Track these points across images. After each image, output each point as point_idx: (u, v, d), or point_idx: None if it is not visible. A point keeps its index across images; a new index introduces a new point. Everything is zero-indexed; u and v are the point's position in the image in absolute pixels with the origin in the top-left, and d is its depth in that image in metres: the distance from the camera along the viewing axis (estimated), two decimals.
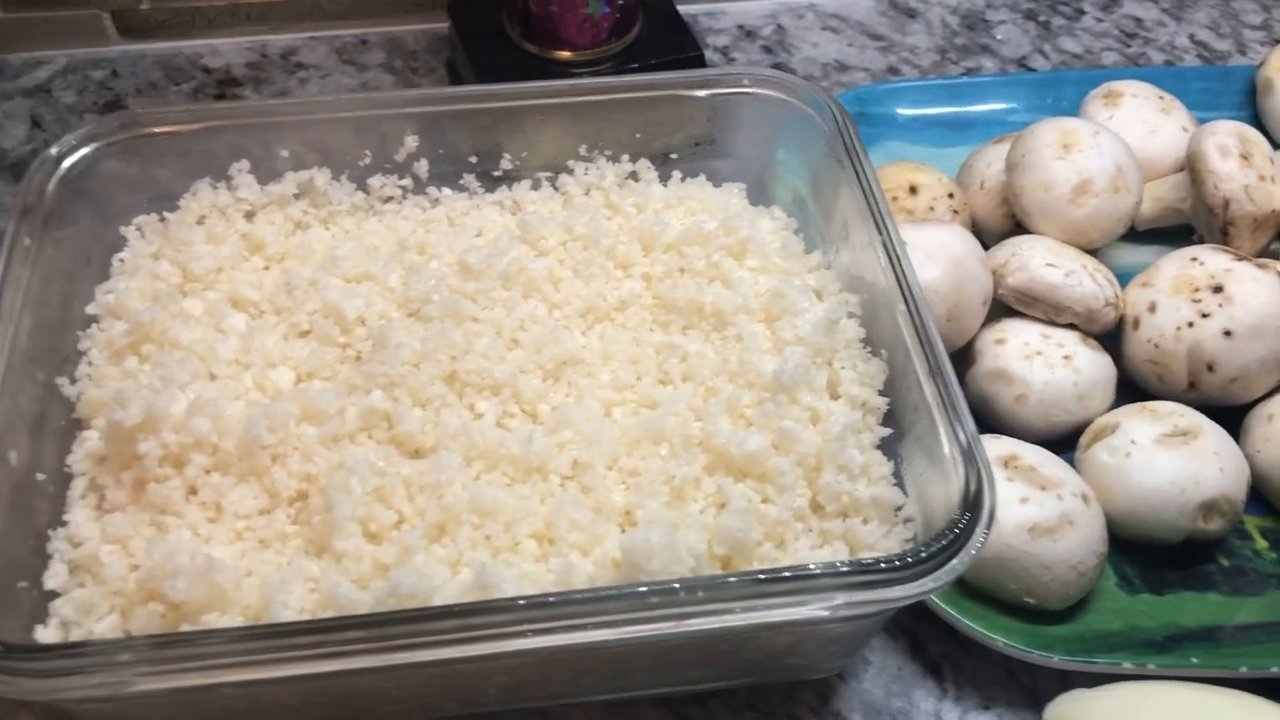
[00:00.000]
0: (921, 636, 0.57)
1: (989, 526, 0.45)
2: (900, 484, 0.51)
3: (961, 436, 0.47)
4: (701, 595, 0.42)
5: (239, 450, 0.50)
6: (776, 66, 0.85)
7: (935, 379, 0.49)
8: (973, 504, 0.45)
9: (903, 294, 0.52)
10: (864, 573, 0.43)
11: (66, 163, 0.56)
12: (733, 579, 0.43)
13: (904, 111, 0.78)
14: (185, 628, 0.45)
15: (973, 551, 0.44)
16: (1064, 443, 0.62)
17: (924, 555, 0.44)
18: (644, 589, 0.42)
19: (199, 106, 0.59)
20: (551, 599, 0.42)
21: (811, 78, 0.84)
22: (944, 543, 0.44)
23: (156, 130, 0.59)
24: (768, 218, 0.61)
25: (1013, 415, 0.62)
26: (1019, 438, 0.60)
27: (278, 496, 0.49)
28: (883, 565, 0.43)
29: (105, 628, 0.46)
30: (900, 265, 0.53)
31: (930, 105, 0.79)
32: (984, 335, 0.64)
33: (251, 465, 0.50)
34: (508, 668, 0.47)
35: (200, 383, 0.52)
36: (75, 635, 0.47)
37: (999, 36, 0.88)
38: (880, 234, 0.54)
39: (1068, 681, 0.55)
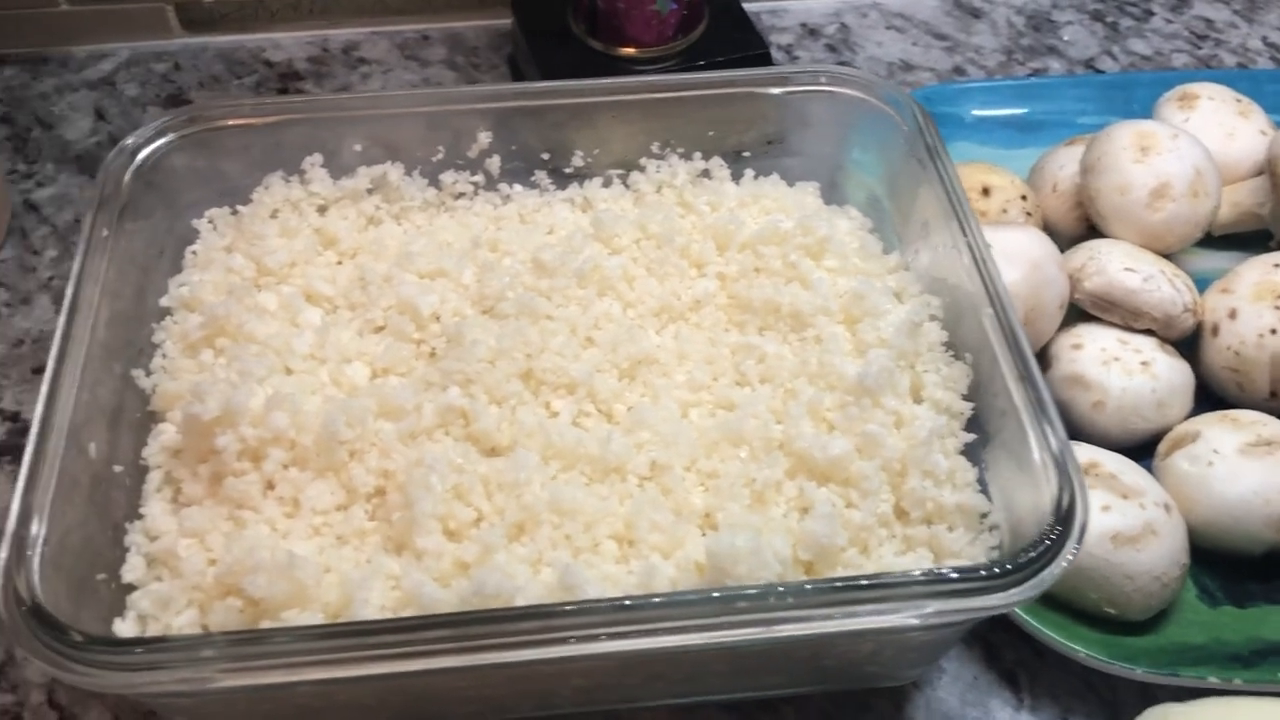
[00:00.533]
0: (996, 645, 0.56)
1: (1080, 539, 0.44)
2: (985, 490, 0.50)
3: (1053, 443, 0.46)
4: (792, 601, 0.41)
5: (317, 445, 0.49)
6: (841, 65, 0.84)
7: (1025, 383, 0.48)
8: (1065, 515, 0.44)
9: (989, 297, 0.51)
10: (955, 581, 0.42)
11: (141, 155, 0.56)
12: (825, 585, 0.42)
13: (973, 112, 0.77)
14: (265, 624, 0.45)
15: (1064, 563, 0.43)
16: (1140, 450, 0.61)
17: (1015, 565, 0.43)
18: (736, 594, 0.41)
19: (272, 100, 0.59)
20: (638, 602, 0.41)
21: (845, 64, 0.83)
22: (1035, 553, 0.43)
23: (229, 123, 0.58)
24: (844, 217, 0.60)
25: (1089, 422, 0.61)
26: (1094, 444, 0.59)
27: (355, 492, 0.49)
28: (977, 574, 0.42)
29: (183, 622, 0.46)
30: (986, 268, 0.52)
31: (999, 106, 0.78)
32: (1060, 340, 0.63)
33: (329, 460, 0.49)
34: (585, 669, 0.47)
35: (277, 377, 0.52)
36: (153, 629, 0.46)
37: (1066, 37, 0.87)
38: (964, 235, 0.53)
39: (1148, 694, 0.54)
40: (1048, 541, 0.43)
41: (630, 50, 0.77)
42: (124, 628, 0.46)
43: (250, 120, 0.59)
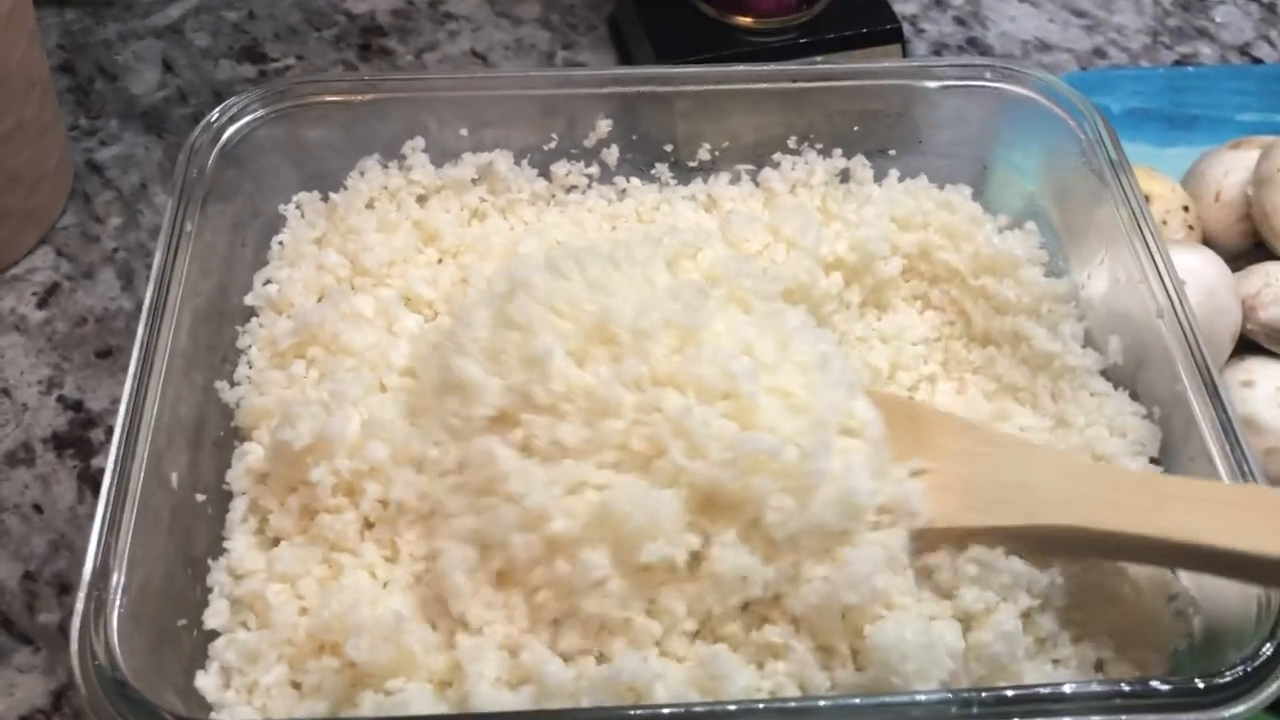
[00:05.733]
0: None
1: None
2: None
3: None
4: (977, 713, 0.36)
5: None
6: (970, 41, 0.77)
7: (1232, 454, 0.42)
8: None
9: (1188, 344, 0.45)
10: (1167, 696, 0.37)
11: (227, 133, 0.51)
12: (1015, 695, 0.36)
13: (1121, 104, 0.70)
14: (367, 693, 0.40)
15: None
16: None
17: (1227, 679, 0.37)
18: (909, 702, 0.36)
19: (371, 76, 0.53)
20: (803, 705, 0.36)
21: (1010, 56, 0.76)
22: (1251, 665, 0.37)
23: (324, 99, 0.53)
24: (1014, 234, 0.53)
25: (1264, 471, 0.55)
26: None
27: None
28: (1175, 689, 0.37)
29: (273, 680, 0.41)
30: (1184, 310, 0.45)
31: (1149, 98, 0.71)
32: (1228, 376, 0.57)
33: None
34: None
35: (373, 397, 0.46)
36: (238, 683, 0.41)
37: (1218, 19, 0.79)
38: (1158, 274, 0.47)
39: None
40: (1267, 649, 0.38)
41: (748, 19, 0.70)
42: (207, 682, 0.41)
43: (347, 97, 0.53)
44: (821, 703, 0.36)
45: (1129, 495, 0.41)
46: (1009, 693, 0.36)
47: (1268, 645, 0.38)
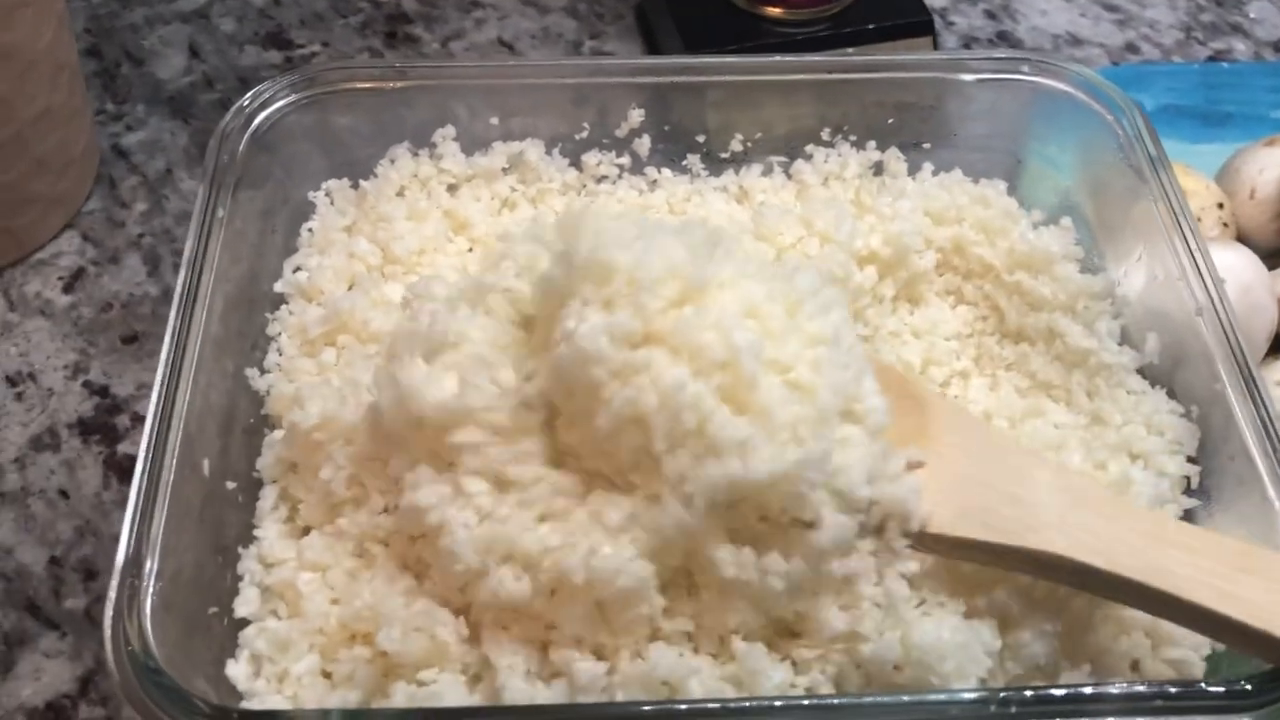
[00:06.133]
0: None
1: None
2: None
3: None
4: (1016, 712, 0.35)
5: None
6: (1000, 35, 0.76)
7: (1273, 454, 0.41)
8: None
9: (1228, 343, 0.44)
10: (1217, 697, 0.36)
11: (258, 120, 0.50)
12: (1062, 694, 0.36)
13: (1155, 100, 0.69)
14: (399, 684, 0.39)
15: None
16: None
17: (1264, 680, 0.37)
18: (950, 700, 0.36)
19: (401, 64, 0.52)
20: (846, 701, 0.36)
21: (1041, 50, 0.75)
22: None
23: (354, 86, 0.52)
24: (1049, 229, 0.52)
25: None
26: None
27: None
28: (1237, 687, 0.36)
29: (304, 669, 0.41)
30: (1224, 309, 0.45)
31: (1183, 94, 0.70)
32: (1262, 375, 0.56)
33: None
34: None
35: None
36: (268, 672, 0.41)
37: (1252, 15, 0.78)
38: (1197, 271, 0.46)
39: None
40: None
41: (778, 10, 0.69)
42: (237, 670, 0.41)
43: (378, 84, 0.52)
44: (860, 700, 0.36)
45: (1130, 535, 0.38)
46: (1055, 692, 0.36)
47: None
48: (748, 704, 0.36)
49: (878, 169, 0.55)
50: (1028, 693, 0.36)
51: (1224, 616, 0.36)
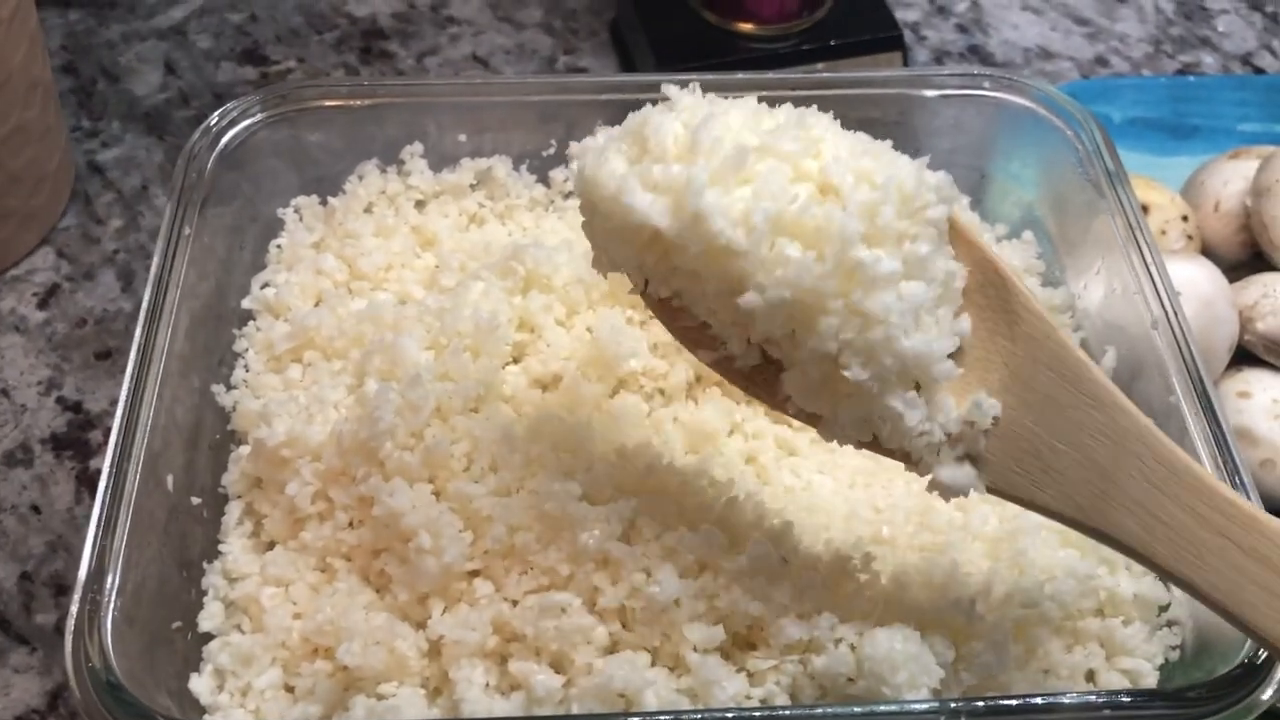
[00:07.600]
0: None
1: None
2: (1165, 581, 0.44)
3: None
4: None
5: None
6: (971, 49, 0.77)
7: (1224, 467, 0.42)
8: None
9: (1182, 356, 0.45)
10: (1165, 703, 0.37)
11: (226, 136, 0.51)
12: (990, 702, 0.36)
13: (1122, 113, 0.70)
14: (359, 697, 0.40)
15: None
16: None
17: (1216, 687, 0.37)
18: (900, 708, 0.36)
19: (370, 81, 0.53)
20: (799, 712, 0.36)
21: (1012, 64, 0.76)
22: (1242, 671, 0.38)
23: (323, 104, 0.53)
24: (1011, 244, 0.53)
25: (1257, 483, 0.55)
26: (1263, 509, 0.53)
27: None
28: (1189, 694, 0.37)
29: (266, 682, 0.41)
30: (1179, 322, 0.45)
31: (1150, 107, 0.71)
32: (1224, 386, 0.57)
33: None
34: None
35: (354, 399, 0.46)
36: (232, 686, 0.42)
37: (1220, 28, 0.79)
38: (1153, 284, 0.47)
39: None
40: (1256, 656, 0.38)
41: (749, 26, 0.70)
42: (201, 684, 0.41)
43: (346, 101, 0.53)
44: (813, 711, 0.36)
45: (1208, 534, 0.34)
46: (1008, 702, 0.36)
47: (1259, 655, 0.38)
48: (702, 716, 0.36)
49: None
50: (980, 703, 0.36)
51: None
